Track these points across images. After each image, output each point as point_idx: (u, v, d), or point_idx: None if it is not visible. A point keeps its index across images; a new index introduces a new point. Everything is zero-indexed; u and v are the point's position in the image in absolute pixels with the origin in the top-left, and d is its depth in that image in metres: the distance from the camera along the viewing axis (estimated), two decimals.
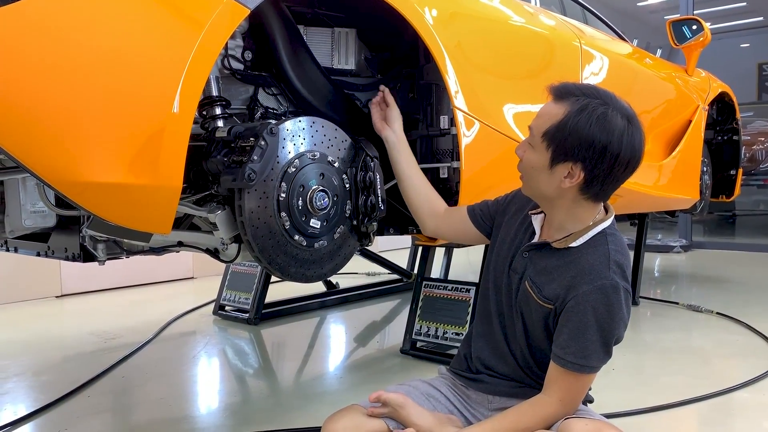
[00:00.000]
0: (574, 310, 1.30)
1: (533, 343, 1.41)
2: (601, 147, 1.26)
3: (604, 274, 1.29)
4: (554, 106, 1.31)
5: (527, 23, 2.45)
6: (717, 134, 4.67)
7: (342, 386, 2.60)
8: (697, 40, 4.04)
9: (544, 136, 1.30)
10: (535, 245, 1.40)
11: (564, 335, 1.31)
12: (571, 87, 1.32)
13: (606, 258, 1.31)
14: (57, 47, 1.16)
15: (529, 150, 1.35)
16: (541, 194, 1.37)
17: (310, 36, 1.84)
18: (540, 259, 1.39)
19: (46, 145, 1.17)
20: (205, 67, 1.30)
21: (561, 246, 1.35)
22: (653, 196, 3.43)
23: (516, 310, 1.42)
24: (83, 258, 1.65)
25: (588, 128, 1.26)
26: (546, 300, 1.35)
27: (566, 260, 1.35)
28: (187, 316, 3.71)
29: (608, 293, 1.29)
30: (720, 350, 3.04)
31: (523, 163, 1.37)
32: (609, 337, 1.30)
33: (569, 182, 1.31)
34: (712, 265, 5.89)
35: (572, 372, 1.30)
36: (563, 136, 1.28)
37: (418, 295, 2.90)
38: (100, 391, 2.47)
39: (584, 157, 1.28)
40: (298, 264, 1.61)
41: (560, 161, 1.30)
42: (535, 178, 1.35)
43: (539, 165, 1.32)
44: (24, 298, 4.13)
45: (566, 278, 1.33)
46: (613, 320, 1.29)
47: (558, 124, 1.29)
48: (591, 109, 1.27)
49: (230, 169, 1.47)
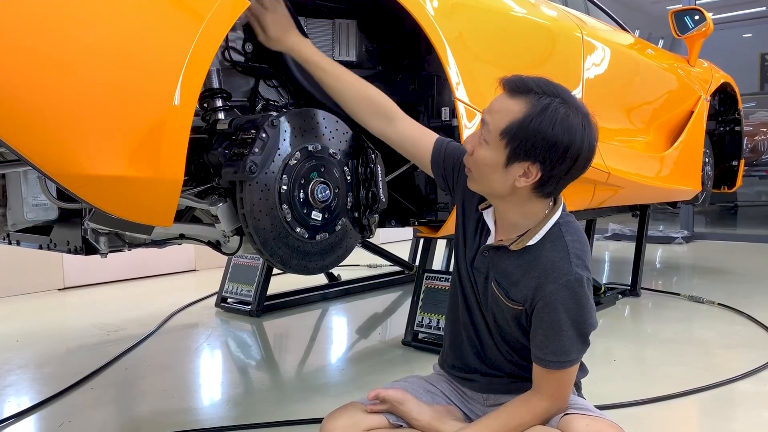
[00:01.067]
0: (545, 310, 1.29)
1: (509, 338, 1.41)
2: (563, 148, 1.23)
3: (567, 269, 1.28)
4: (510, 101, 1.26)
5: (529, 14, 2.44)
6: (719, 125, 4.66)
7: (344, 378, 2.60)
8: (699, 31, 4.03)
9: (503, 134, 1.25)
10: (494, 246, 1.38)
11: (540, 336, 1.31)
12: (529, 82, 1.27)
13: (566, 252, 1.29)
14: (57, 40, 1.16)
15: (482, 146, 1.29)
16: (491, 191, 1.33)
17: (310, 27, 1.84)
18: (500, 260, 1.36)
19: (48, 138, 1.17)
20: (205, 59, 1.30)
21: (518, 248, 1.33)
22: (655, 187, 3.42)
23: (487, 307, 1.41)
24: (85, 251, 1.65)
25: (551, 129, 1.22)
26: (514, 302, 1.34)
27: (526, 259, 1.33)
28: (189, 308, 3.72)
29: (574, 288, 1.27)
30: (721, 341, 3.04)
31: (474, 158, 1.31)
32: (584, 329, 1.29)
33: (524, 181, 1.27)
34: (713, 257, 5.89)
35: (555, 370, 1.30)
36: (525, 136, 1.23)
37: (419, 286, 2.90)
38: (103, 383, 2.48)
39: (544, 157, 1.24)
40: (299, 256, 1.61)
41: (517, 160, 1.25)
42: (487, 176, 1.30)
43: (493, 162, 1.27)
44: (27, 290, 4.15)
45: (530, 279, 1.31)
46: (585, 312, 1.29)
47: (519, 123, 1.23)
48: (553, 108, 1.23)
49: (231, 162, 1.47)
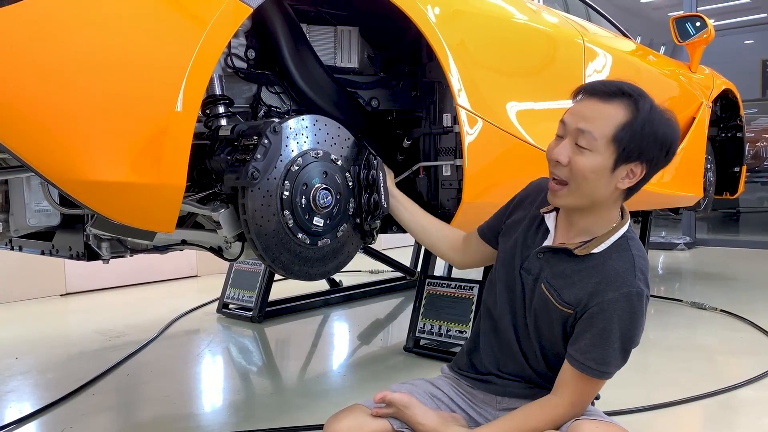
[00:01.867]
0: (598, 316, 1.28)
1: (546, 344, 1.39)
2: (669, 144, 1.28)
3: (630, 282, 1.28)
4: (606, 106, 1.26)
5: (530, 20, 2.44)
6: (721, 131, 4.66)
7: (345, 384, 2.60)
8: (700, 37, 4.03)
9: (614, 139, 1.25)
10: (552, 248, 1.37)
11: (585, 340, 1.29)
12: (619, 84, 1.28)
13: (631, 265, 1.30)
14: (60, 46, 1.16)
15: (584, 155, 1.27)
16: (592, 199, 1.31)
17: (313, 34, 1.85)
18: (558, 262, 1.35)
19: (51, 144, 1.17)
20: (208, 65, 1.30)
21: (583, 252, 1.32)
22: (657, 193, 3.42)
23: (530, 310, 1.39)
24: (87, 256, 1.65)
25: (662, 127, 1.26)
26: (566, 304, 1.32)
27: (588, 265, 1.32)
28: (191, 314, 3.72)
29: (633, 301, 1.27)
30: (724, 347, 3.03)
31: (574, 168, 1.28)
32: (629, 344, 1.29)
33: (628, 182, 1.29)
34: (716, 263, 5.88)
35: (588, 377, 1.29)
36: (638, 139, 1.24)
37: (421, 292, 2.90)
38: (105, 389, 2.47)
39: (653, 156, 1.27)
40: (301, 262, 1.61)
41: (625, 162, 1.26)
42: (593, 183, 1.28)
43: (600, 168, 1.26)
44: (29, 296, 4.15)
45: (590, 284, 1.30)
46: (636, 328, 1.29)
47: (630, 126, 1.24)
48: (656, 107, 1.27)
49: (234, 168, 1.47)
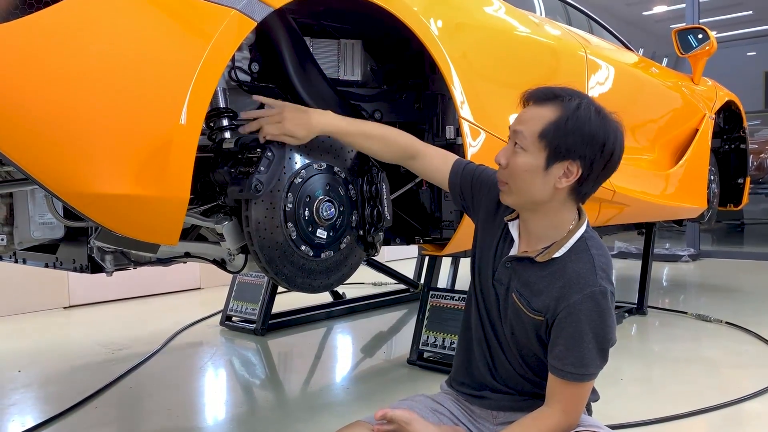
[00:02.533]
0: (567, 320, 1.29)
1: (527, 353, 1.41)
2: (601, 142, 1.28)
3: (592, 281, 1.29)
4: (541, 108, 1.31)
5: (532, 33, 2.46)
6: (724, 143, 4.66)
7: (349, 397, 2.59)
8: (702, 49, 4.04)
9: (540, 136, 1.29)
10: (517, 257, 1.39)
11: (560, 346, 1.30)
12: (555, 89, 1.32)
13: (591, 265, 1.31)
14: (65, 60, 1.17)
15: (518, 154, 1.32)
16: (531, 199, 1.34)
17: (316, 47, 1.85)
18: (524, 270, 1.37)
19: (55, 156, 1.18)
20: (212, 79, 1.31)
21: (544, 259, 1.34)
22: (661, 205, 3.42)
23: (506, 320, 1.41)
24: (91, 269, 1.66)
25: (589, 124, 1.27)
26: (536, 312, 1.34)
27: (551, 270, 1.34)
28: (194, 326, 3.71)
29: (598, 300, 1.28)
30: (730, 360, 3.02)
31: (510, 169, 1.33)
32: (604, 343, 1.30)
33: (565, 181, 1.30)
34: (720, 275, 5.86)
35: (572, 382, 1.30)
36: (563, 134, 1.27)
37: (424, 305, 2.89)
38: (108, 402, 2.47)
39: (584, 153, 1.28)
40: (304, 274, 1.61)
41: (558, 160, 1.29)
42: (528, 182, 1.32)
43: (533, 167, 1.30)
44: (32, 309, 4.15)
45: (554, 289, 1.32)
46: (607, 325, 1.30)
47: (556, 123, 1.28)
48: (585, 106, 1.29)
49: (237, 180, 1.48)
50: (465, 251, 2.26)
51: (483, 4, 2.30)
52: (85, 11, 1.19)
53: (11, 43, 1.12)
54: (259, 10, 1.39)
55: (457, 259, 3.76)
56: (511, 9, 2.44)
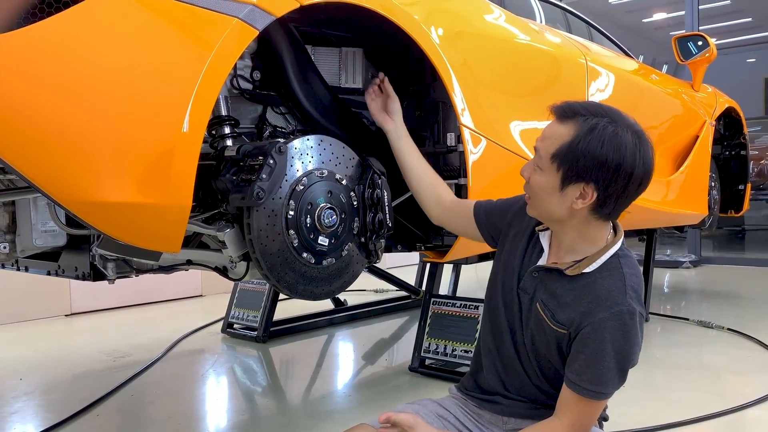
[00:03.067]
0: (590, 336, 1.27)
1: (545, 364, 1.39)
2: (614, 166, 1.24)
3: (621, 300, 1.27)
4: (560, 126, 1.29)
5: (533, 41, 2.47)
6: (724, 149, 4.67)
7: (351, 404, 2.59)
8: (702, 56, 4.05)
9: (553, 158, 1.28)
10: (545, 268, 1.37)
11: (580, 361, 1.29)
12: (576, 106, 1.30)
13: (622, 283, 1.29)
14: (68, 69, 1.18)
15: (537, 172, 1.32)
16: (550, 216, 1.34)
17: (317, 55, 1.86)
18: (551, 282, 1.36)
19: (57, 165, 1.18)
20: (214, 87, 1.32)
21: (574, 273, 1.32)
22: (662, 211, 3.42)
23: (527, 330, 1.39)
24: (93, 277, 1.66)
25: (600, 148, 1.24)
26: (559, 325, 1.32)
27: (580, 284, 1.32)
28: (195, 334, 3.71)
29: (625, 320, 1.26)
30: (732, 366, 3.01)
31: (530, 185, 1.34)
32: (625, 364, 1.28)
33: (581, 203, 1.28)
34: (722, 281, 5.85)
35: (586, 398, 1.28)
36: (574, 158, 1.25)
37: (426, 312, 2.89)
38: (109, 410, 2.47)
39: (597, 177, 1.25)
40: (306, 281, 1.61)
41: (572, 182, 1.27)
42: (545, 200, 1.32)
43: (549, 187, 1.30)
44: (34, 317, 4.15)
45: (581, 304, 1.30)
46: (630, 346, 1.28)
47: (568, 145, 1.26)
48: (601, 128, 1.25)
49: (239, 188, 1.48)
50: (467, 258, 2.27)
51: (483, 12, 2.31)
52: (87, 20, 1.20)
53: (14, 51, 1.13)
54: (261, 19, 1.40)
55: (459, 266, 3.76)
56: (511, 17, 2.45)
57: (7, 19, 1.19)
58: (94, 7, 1.21)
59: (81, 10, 1.20)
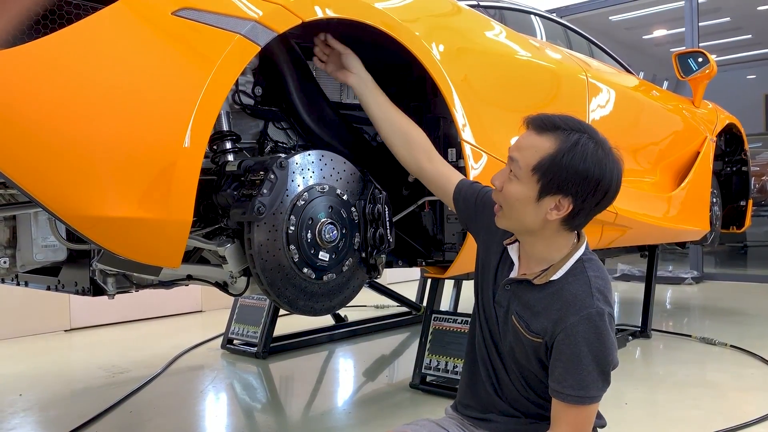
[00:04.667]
0: (565, 342, 1.29)
1: (528, 375, 1.40)
2: (595, 181, 1.28)
3: (589, 303, 1.29)
4: (538, 138, 1.31)
5: (533, 57, 2.48)
6: (726, 165, 4.67)
7: (351, 421, 2.57)
8: (703, 73, 4.07)
9: (535, 169, 1.30)
10: (516, 280, 1.40)
11: (559, 369, 1.30)
12: (555, 119, 1.32)
13: (588, 286, 1.31)
14: (70, 85, 1.18)
15: (513, 182, 1.33)
16: (522, 226, 1.36)
17: (319, 71, 1.87)
18: (523, 293, 1.38)
19: (59, 179, 1.18)
20: (216, 102, 1.32)
21: (541, 282, 1.35)
22: (663, 227, 3.41)
23: (506, 342, 1.41)
24: (93, 292, 1.65)
25: (582, 164, 1.27)
26: (534, 334, 1.34)
27: (548, 292, 1.34)
28: (195, 350, 3.69)
29: (595, 321, 1.28)
30: (735, 384, 2.99)
31: (503, 194, 1.35)
32: (605, 365, 1.29)
33: (555, 214, 1.31)
34: (724, 297, 5.83)
35: (574, 405, 1.29)
36: (558, 171, 1.28)
37: (427, 328, 2.88)
38: (108, 426, 2.45)
39: (576, 191, 1.28)
40: (306, 297, 1.60)
41: (549, 194, 1.29)
42: (519, 210, 1.33)
43: (525, 197, 1.31)
44: (33, 332, 4.14)
45: (552, 311, 1.32)
46: (605, 347, 1.29)
47: (551, 158, 1.28)
48: (583, 143, 1.28)
49: (240, 203, 1.48)
50: (468, 274, 2.26)
51: (484, 28, 2.32)
52: (90, 36, 1.21)
53: (17, 67, 1.13)
54: (262, 35, 1.41)
55: (460, 282, 3.75)
56: (512, 33, 2.47)
57: (6, 32, 1.19)
58: (97, 23, 1.22)
59: (84, 26, 1.21)
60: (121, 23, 1.25)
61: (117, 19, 1.24)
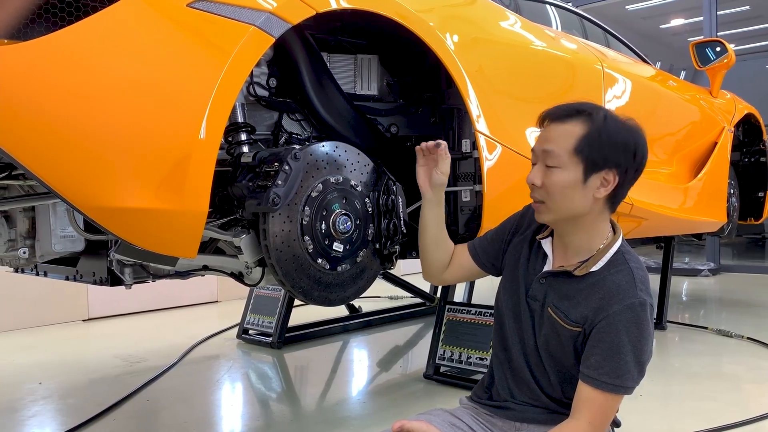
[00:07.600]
0: (605, 330, 1.30)
1: (560, 368, 1.40)
2: (633, 148, 1.32)
3: (632, 293, 1.30)
4: (566, 125, 1.33)
5: (548, 47, 2.46)
6: (744, 156, 4.61)
7: (365, 411, 2.58)
8: (720, 62, 4.02)
9: (576, 151, 1.31)
10: (553, 273, 1.39)
11: (596, 356, 1.30)
12: (574, 105, 1.35)
13: (631, 277, 1.33)
14: (87, 77, 1.19)
15: (553, 172, 1.34)
16: (570, 212, 1.36)
17: (333, 62, 1.87)
18: (560, 284, 1.38)
19: (76, 171, 1.20)
20: (231, 94, 1.33)
21: (582, 273, 1.35)
22: (679, 219, 3.39)
23: (540, 336, 1.41)
24: (110, 282, 1.67)
25: (618, 134, 1.31)
26: (573, 323, 1.34)
27: (589, 283, 1.35)
28: (211, 339, 3.73)
29: (638, 311, 1.29)
30: (751, 376, 2.97)
31: (546, 188, 1.35)
32: (642, 356, 1.30)
33: (603, 191, 1.33)
34: (741, 289, 5.77)
35: (605, 392, 1.29)
36: (597, 147, 1.31)
37: (441, 319, 2.88)
38: (125, 415, 2.48)
39: (619, 161, 1.32)
40: (321, 287, 1.61)
41: (594, 172, 1.32)
42: (569, 197, 1.34)
43: (571, 182, 1.33)
44: (52, 321, 4.19)
45: (593, 300, 1.32)
46: (645, 338, 1.30)
47: (588, 137, 1.31)
48: (610, 117, 1.33)
49: (255, 194, 1.49)
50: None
51: (499, 18, 2.31)
52: (106, 28, 1.22)
53: (34, 60, 1.15)
54: (277, 27, 1.41)
55: None
56: (527, 23, 2.45)
57: (9, 24, 1.21)
58: (113, 16, 1.23)
59: (100, 18, 1.22)
60: (137, 15, 1.26)
61: (133, 11, 1.25)
